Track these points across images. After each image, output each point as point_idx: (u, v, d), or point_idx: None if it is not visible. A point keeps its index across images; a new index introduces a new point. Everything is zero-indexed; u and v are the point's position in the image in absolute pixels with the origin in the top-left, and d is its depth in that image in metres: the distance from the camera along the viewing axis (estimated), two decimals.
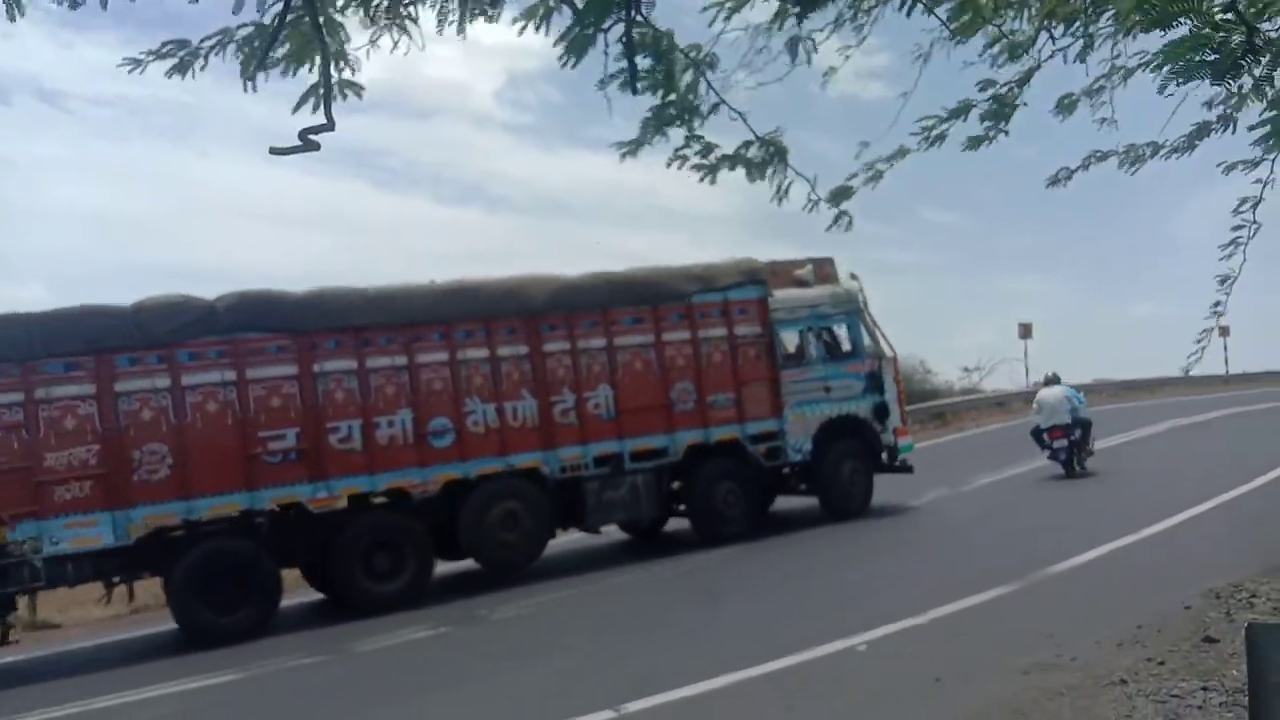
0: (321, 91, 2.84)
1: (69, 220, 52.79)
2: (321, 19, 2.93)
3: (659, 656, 8.57)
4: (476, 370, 12.19)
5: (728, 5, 3.46)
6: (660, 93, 3.51)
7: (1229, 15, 2.22)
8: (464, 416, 12.06)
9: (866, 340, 14.80)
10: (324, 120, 2.82)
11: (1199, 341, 3.99)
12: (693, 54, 3.55)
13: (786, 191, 3.60)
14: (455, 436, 11.99)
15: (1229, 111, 4.01)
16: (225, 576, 10.87)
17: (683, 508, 13.94)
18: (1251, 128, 3.70)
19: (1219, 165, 4.22)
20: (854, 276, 15.13)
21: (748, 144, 3.61)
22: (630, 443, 12.99)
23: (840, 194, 4.04)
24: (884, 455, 14.95)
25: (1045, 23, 3.68)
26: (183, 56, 3.05)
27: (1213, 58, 2.30)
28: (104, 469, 10.51)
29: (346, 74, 3.17)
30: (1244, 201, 3.98)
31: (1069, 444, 16.99)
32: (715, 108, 3.60)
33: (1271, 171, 3.95)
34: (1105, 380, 46.09)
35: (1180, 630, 7.56)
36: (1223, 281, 4.00)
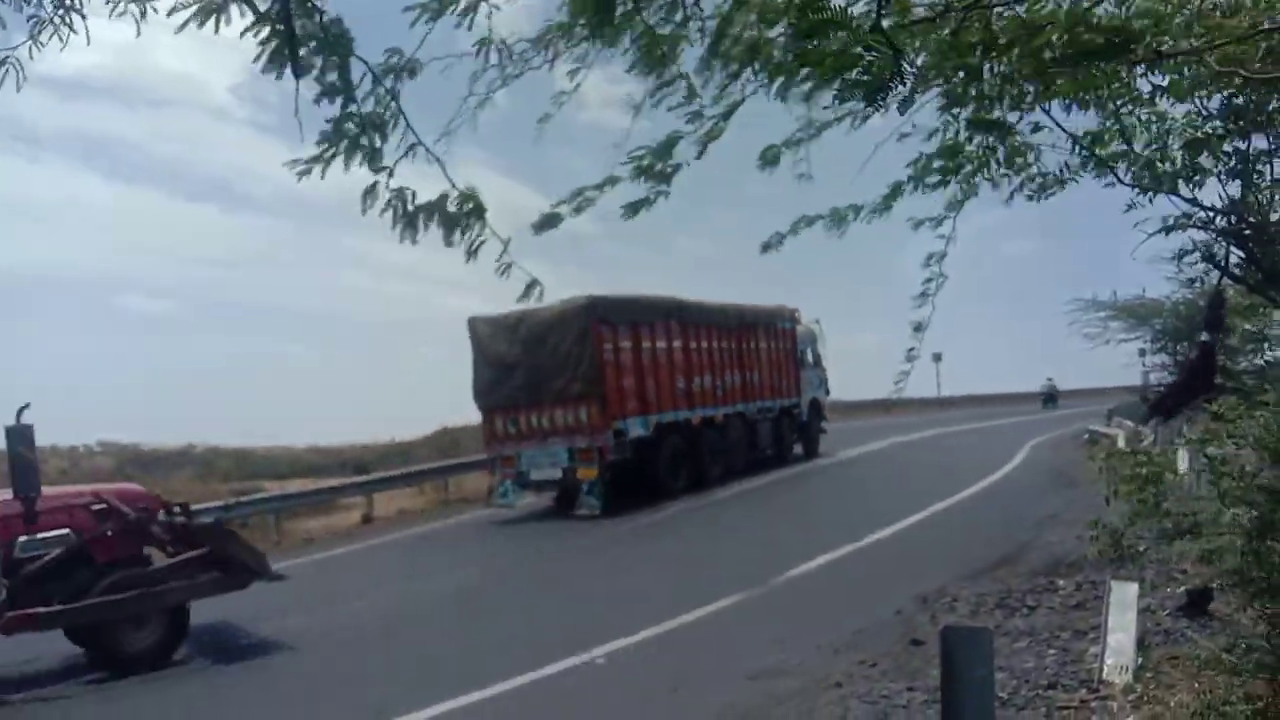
0: None
1: None
2: None
3: (392, 682, 8.20)
4: (722, 354, 20.92)
5: (431, 6, 3.06)
6: (339, 101, 3.01)
7: (880, 39, 2.31)
8: (721, 378, 20.73)
9: (821, 356, 26.26)
10: None
11: (898, 383, 4.42)
12: (392, 59, 3.10)
13: (477, 251, 3.26)
14: (722, 390, 20.72)
15: (919, 173, 4.29)
16: (677, 455, 19.10)
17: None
18: (932, 170, 4.09)
19: (908, 221, 4.56)
20: (817, 321, 26.22)
21: (446, 195, 3.21)
22: (765, 404, 22.70)
23: (547, 221, 3.84)
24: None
25: (748, 58, 3.74)
26: None
27: (864, 78, 2.40)
28: (640, 390, 18.17)
29: None
30: (931, 256, 4.38)
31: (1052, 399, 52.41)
32: (411, 149, 3.18)
33: (953, 229, 4.39)
34: (836, 400, 49.79)
35: (892, 634, 8.11)
36: (916, 329, 4.37)
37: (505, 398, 18.29)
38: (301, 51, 2.96)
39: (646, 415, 18.25)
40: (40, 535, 9.13)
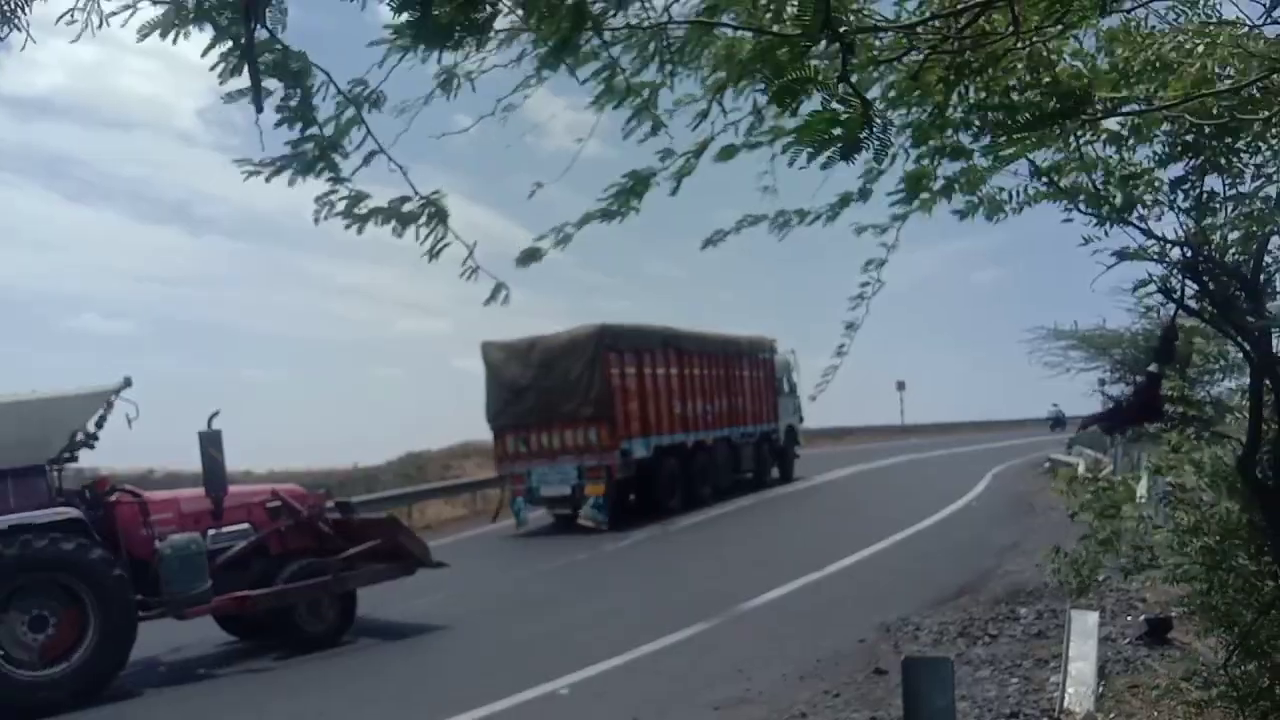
0: None
1: None
2: None
3: (361, 709, 8.07)
4: (712, 381, 22.24)
5: (399, 43, 3.11)
6: (299, 126, 3.11)
7: (849, 91, 2.33)
8: (711, 404, 22.06)
9: (796, 384, 27.19)
10: None
11: (825, 376, 4.50)
12: (355, 90, 3.17)
13: (439, 252, 3.31)
14: (711, 415, 22.02)
15: (866, 185, 4.37)
16: (673, 475, 20.33)
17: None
18: (889, 193, 4.15)
19: (852, 226, 4.65)
20: (792, 351, 27.51)
21: (404, 199, 3.29)
22: (748, 429, 23.91)
23: (529, 256, 3.89)
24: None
25: (716, 96, 3.79)
26: None
27: (839, 132, 2.41)
28: (642, 413, 19.41)
29: None
30: (870, 262, 4.49)
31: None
32: (371, 157, 3.23)
33: (896, 238, 4.49)
34: (810, 428, 50.28)
35: (855, 663, 8.10)
36: (848, 327, 4.50)
37: (517, 418, 19.43)
38: (264, 83, 2.97)
39: (648, 437, 19.61)
40: (225, 529, 10.19)
